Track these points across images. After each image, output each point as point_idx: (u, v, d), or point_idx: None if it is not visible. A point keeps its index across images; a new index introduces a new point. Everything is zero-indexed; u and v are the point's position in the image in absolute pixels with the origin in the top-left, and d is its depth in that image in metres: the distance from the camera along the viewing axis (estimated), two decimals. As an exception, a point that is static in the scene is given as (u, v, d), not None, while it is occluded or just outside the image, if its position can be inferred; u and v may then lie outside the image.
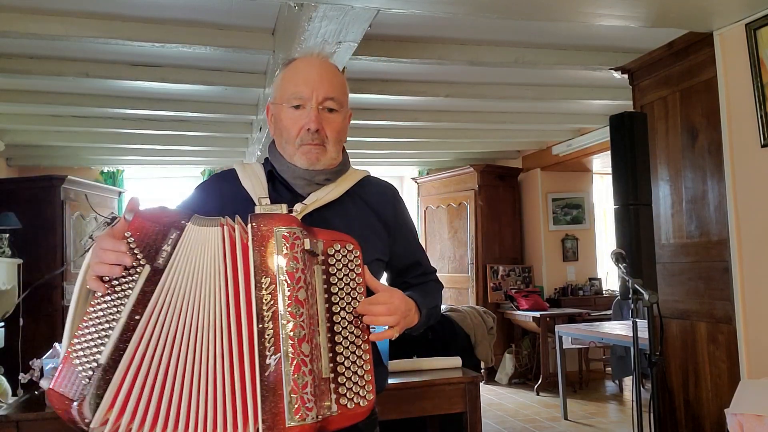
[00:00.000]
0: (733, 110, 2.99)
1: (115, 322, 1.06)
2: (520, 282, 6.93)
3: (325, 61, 1.36)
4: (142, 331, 1.06)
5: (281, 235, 1.10)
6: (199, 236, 1.12)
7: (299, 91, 1.30)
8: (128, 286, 1.08)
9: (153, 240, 1.10)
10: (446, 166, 7.59)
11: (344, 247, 1.17)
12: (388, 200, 1.43)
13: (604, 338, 4.63)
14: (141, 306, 1.07)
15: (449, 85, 4.49)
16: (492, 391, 6.25)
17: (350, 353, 1.13)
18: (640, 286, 2.41)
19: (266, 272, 1.08)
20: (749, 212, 2.92)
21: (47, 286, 5.67)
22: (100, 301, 1.07)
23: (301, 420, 1.04)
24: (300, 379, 1.05)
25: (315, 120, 1.28)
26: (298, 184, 1.33)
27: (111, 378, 1.03)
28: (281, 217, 1.13)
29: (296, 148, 1.31)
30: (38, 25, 3.04)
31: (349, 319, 1.15)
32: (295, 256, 1.10)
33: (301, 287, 1.09)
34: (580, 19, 2.92)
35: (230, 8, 3.08)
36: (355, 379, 1.12)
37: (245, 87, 4.17)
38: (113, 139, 5.71)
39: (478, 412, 2.62)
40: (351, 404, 1.11)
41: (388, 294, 1.21)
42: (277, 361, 1.05)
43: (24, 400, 2.34)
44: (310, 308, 1.10)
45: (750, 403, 2.57)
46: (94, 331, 1.06)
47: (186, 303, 1.08)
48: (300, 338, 1.07)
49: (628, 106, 4.00)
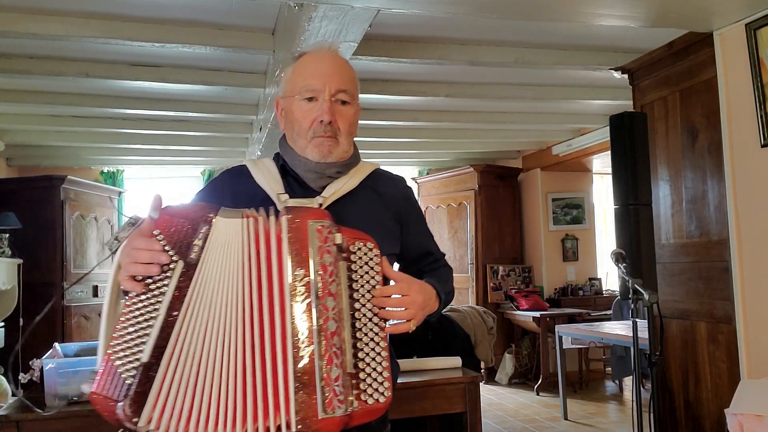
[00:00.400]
0: (733, 110, 2.99)
1: (153, 320, 1.06)
2: (520, 282, 6.93)
3: (336, 54, 1.35)
4: (180, 326, 1.06)
5: (315, 229, 1.11)
6: (228, 228, 1.12)
7: (311, 83, 1.29)
8: (163, 283, 1.08)
9: (183, 235, 1.10)
10: (446, 166, 7.59)
11: (365, 245, 1.17)
12: (399, 192, 1.43)
13: (604, 338, 4.63)
14: (178, 302, 1.07)
15: (449, 85, 4.49)
16: (492, 391, 6.25)
17: (370, 350, 1.14)
18: (640, 286, 2.41)
19: (301, 264, 1.09)
20: (749, 212, 2.92)
21: (47, 286, 5.66)
22: (136, 301, 1.08)
23: (332, 412, 1.05)
24: (332, 371, 1.06)
25: (328, 111, 1.28)
26: (310, 178, 1.32)
27: (154, 375, 1.04)
28: (315, 211, 1.15)
29: (308, 141, 1.30)
30: (38, 25, 3.04)
31: (369, 316, 1.15)
32: (328, 249, 1.11)
33: (334, 281, 1.11)
34: (580, 19, 2.92)
35: (230, 8, 3.08)
36: (375, 375, 1.13)
37: (245, 87, 4.17)
38: (113, 139, 5.71)
39: (478, 412, 2.61)
40: (371, 400, 1.11)
41: (406, 285, 1.22)
42: (311, 353, 1.06)
43: (24, 400, 2.34)
44: (339, 302, 1.11)
45: (750, 403, 2.57)
46: (133, 330, 1.06)
47: (220, 296, 1.09)
48: (332, 331, 1.08)
49: (628, 106, 4.00)
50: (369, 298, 1.16)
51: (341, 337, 1.10)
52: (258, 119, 4.95)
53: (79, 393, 2.18)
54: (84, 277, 5.94)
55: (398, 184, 1.45)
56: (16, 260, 5.29)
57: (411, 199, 1.47)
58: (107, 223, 6.59)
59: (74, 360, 2.24)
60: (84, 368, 2.19)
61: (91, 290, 6.17)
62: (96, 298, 6.23)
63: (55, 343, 2.53)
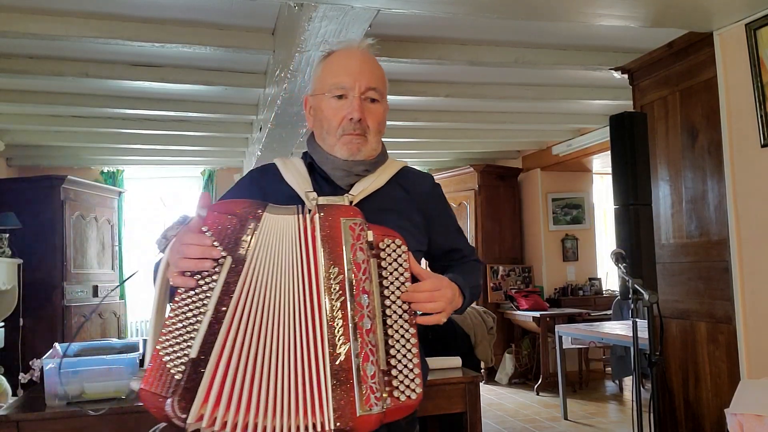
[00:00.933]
0: (733, 110, 2.99)
1: (202, 315, 1.07)
2: (520, 282, 6.93)
3: (366, 51, 1.35)
4: (229, 322, 1.07)
5: (348, 227, 1.12)
6: (275, 225, 1.13)
7: (341, 81, 1.30)
8: (212, 279, 1.08)
9: (231, 231, 1.11)
10: (446, 166, 7.59)
11: (393, 242, 1.18)
12: (427, 189, 1.43)
13: (604, 338, 4.63)
14: (226, 297, 1.08)
15: (449, 85, 4.49)
16: (492, 391, 6.25)
17: (401, 346, 1.14)
18: (640, 286, 2.40)
19: (335, 262, 1.10)
20: (749, 212, 2.92)
21: (47, 286, 5.67)
22: (185, 296, 1.08)
23: (369, 409, 1.06)
24: (368, 368, 1.07)
25: (358, 109, 1.28)
26: (338, 176, 1.32)
27: (203, 371, 1.04)
28: (346, 208, 1.16)
29: (337, 139, 1.31)
30: (38, 25, 3.04)
31: (399, 313, 1.16)
32: (361, 247, 1.12)
33: (367, 278, 1.11)
34: (580, 19, 2.92)
35: (230, 8, 3.08)
36: (406, 372, 1.13)
37: (245, 87, 4.17)
38: (113, 139, 5.71)
39: (478, 412, 2.61)
40: (402, 397, 1.12)
41: (437, 281, 1.22)
42: (347, 350, 1.07)
43: (24, 400, 2.34)
44: (372, 299, 1.12)
45: (750, 403, 2.57)
46: (182, 326, 1.07)
47: (267, 292, 1.10)
48: (368, 329, 1.09)
49: (628, 106, 4.00)
50: (398, 295, 1.16)
51: (375, 334, 1.11)
52: (258, 119, 4.95)
53: (80, 393, 2.18)
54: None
55: (426, 181, 1.46)
56: (16, 260, 5.29)
57: (439, 195, 1.46)
58: (107, 223, 6.59)
59: (74, 360, 2.24)
60: (84, 368, 2.20)
61: (91, 290, 6.18)
62: (96, 298, 6.23)
63: (55, 343, 2.54)
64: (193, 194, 7.52)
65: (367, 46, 1.35)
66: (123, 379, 2.23)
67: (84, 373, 2.19)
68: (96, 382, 2.19)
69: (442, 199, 1.47)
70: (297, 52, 2.91)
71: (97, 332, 6.15)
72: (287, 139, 4.72)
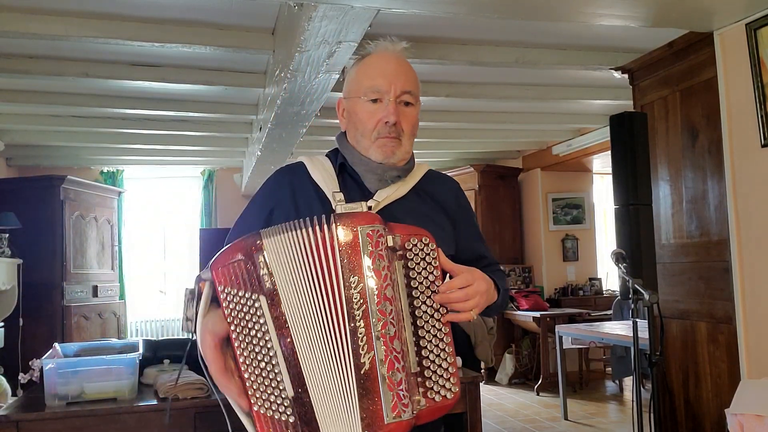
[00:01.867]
0: (733, 110, 2.98)
1: (274, 357, 1.09)
2: (520, 282, 6.93)
3: (400, 55, 1.36)
4: (300, 348, 1.09)
5: (366, 234, 1.11)
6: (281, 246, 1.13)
7: (377, 84, 1.31)
8: (260, 322, 1.10)
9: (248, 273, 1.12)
10: (446, 166, 7.58)
11: (420, 240, 1.17)
12: (452, 194, 1.44)
13: (604, 338, 4.62)
14: (284, 329, 1.10)
15: (450, 85, 4.49)
16: (492, 391, 6.25)
17: (434, 346, 1.14)
18: (640, 286, 2.40)
19: (354, 271, 1.10)
20: (749, 212, 2.92)
21: (47, 286, 5.67)
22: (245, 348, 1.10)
23: (398, 417, 1.06)
24: (394, 375, 1.07)
25: (394, 113, 1.30)
26: (369, 179, 1.33)
27: (309, 401, 1.07)
28: (363, 215, 1.15)
29: (372, 142, 1.31)
30: (38, 25, 3.04)
31: (430, 313, 1.15)
32: (380, 254, 1.11)
33: (389, 284, 1.11)
34: (581, 19, 2.92)
35: (230, 8, 3.08)
36: (440, 372, 1.13)
37: (245, 87, 4.16)
38: (113, 139, 5.71)
39: (478, 412, 2.61)
40: (438, 397, 1.12)
41: (469, 275, 1.20)
42: (371, 359, 1.07)
43: (23, 400, 2.34)
44: (396, 304, 1.11)
45: (750, 403, 2.57)
46: (264, 376, 1.09)
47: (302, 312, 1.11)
48: (391, 336, 1.09)
49: (628, 106, 4.00)
50: (429, 294, 1.16)
51: (402, 339, 1.10)
52: (258, 119, 4.95)
53: (80, 393, 2.18)
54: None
55: (450, 185, 1.46)
56: (15, 260, 5.29)
57: (462, 200, 1.46)
58: (107, 223, 6.59)
59: (74, 360, 2.24)
60: (84, 368, 2.19)
61: (91, 290, 6.18)
62: (96, 298, 6.23)
63: (55, 343, 2.53)
64: (193, 196, 7.52)
65: (402, 49, 1.36)
66: (123, 379, 2.23)
67: (84, 373, 2.19)
68: (96, 382, 2.19)
69: (465, 204, 1.47)
70: (297, 52, 2.91)
71: (96, 332, 6.15)
72: (287, 139, 4.72)
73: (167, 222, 7.58)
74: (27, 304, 5.37)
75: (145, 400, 2.25)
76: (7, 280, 5.12)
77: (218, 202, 7.46)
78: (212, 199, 7.42)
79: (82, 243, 6.09)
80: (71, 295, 5.84)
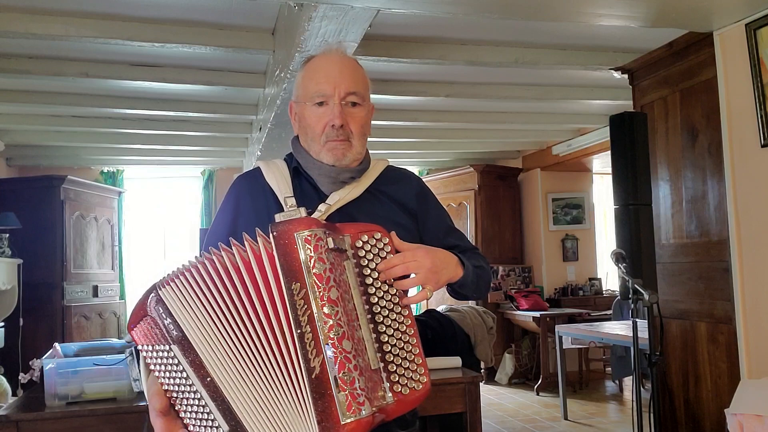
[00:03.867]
0: (733, 110, 2.98)
1: (201, 399, 1.11)
2: (520, 282, 6.92)
3: (344, 56, 1.35)
4: (223, 385, 1.10)
5: (303, 239, 1.10)
6: (177, 290, 1.14)
7: (321, 88, 1.30)
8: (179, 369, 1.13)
9: (156, 327, 1.15)
10: (446, 166, 7.59)
11: (372, 236, 1.17)
12: (411, 190, 1.42)
13: (604, 338, 4.62)
14: (202, 370, 1.11)
15: (449, 85, 4.49)
16: (492, 391, 6.25)
17: (396, 340, 1.14)
18: (640, 286, 2.40)
19: (295, 278, 1.09)
20: (749, 212, 2.92)
21: (48, 286, 5.67)
22: (176, 399, 1.13)
23: (354, 415, 1.05)
24: (346, 375, 1.06)
25: (339, 116, 1.29)
26: (323, 182, 1.33)
27: (245, 428, 1.08)
28: (300, 221, 1.14)
29: (322, 146, 1.31)
30: (38, 25, 3.04)
31: (389, 307, 1.15)
32: (321, 257, 1.10)
33: (332, 286, 1.10)
34: (580, 19, 2.92)
35: (230, 8, 3.08)
36: (406, 364, 1.13)
37: (245, 87, 4.17)
38: (113, 139, 5.71)
39: (478, 412, 2.61)
40: (406, 390, 1.12)
41: (410, 252, 1.20)
42: (321, 362, 1.07)
43: (24, 400, 2.34)
44: (346, 305, 1.11)
45: (750, 403, 2.57)
46: (200, 418, 1.11)
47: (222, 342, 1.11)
48: (339, 336, 1.08)
49: (628, 106, 4.00)
50: (386, 289, 1.16)
51: (355, 338, 1.10)
52: (258, 119, 4.95)
53: (79, 393, 2.18)
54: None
55: (409, 181, 1.44)
56: (16, 260, 5.29)
57: (424, 194, 1.45)
58: (107, 223, 6.59)
59: (74, 360, 2.24)
60: (84, 368, 2.20)
61: (91, 290, 6.18)
62: (96, 298, 6.23)
63: (55, 343, 2.53)
64: (193, 196, 7.52)
65: (345, 48, 1.37)
66: (123, 379, 2.23)
67: (84, 373, 2.19)
68: (96, 382, 2.19)
69: (428, 197, 1.45)
70: (297, 52, 2.91)
71: (97, 332, 6.15)
72: (287, 139, 4.67)
73: (167, 222, 7.58)
74: (27, 304, 5.37)
75: (144, 400, 2.25)
76: (7, 280, 5.12)
77: (218, 202, 7.45)
78: (212, 199, 7.42)
79: (82, 243, 6.10)
80: (71, 295, 5.84)
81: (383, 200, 1.37)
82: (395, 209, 1.37)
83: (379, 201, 1.36)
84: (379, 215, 1.32)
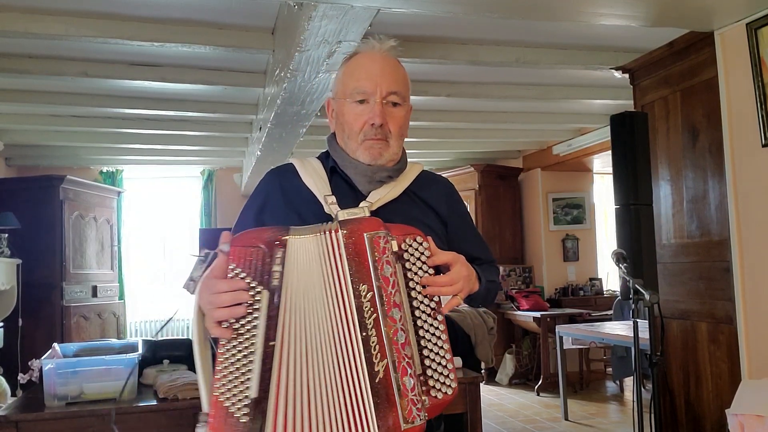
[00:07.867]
0: (733, 110, 2.98)
1: (252, 354, 1.06)
2: (520, 282, 6.92)
3: (386, 54, 1.34)
4: (279, 355, 1.07)
5: (373, 240, 1.10)
6: (301, 248, 1.11)
7: (362, 85, 1.29)
8: (253, 316, 1.08)
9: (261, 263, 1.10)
10: (446, 166, 7.58)
11: (415, 240, 1.16)
12: (445, 196, 1.42)
13: (604, 338, 4.62)
14: (271, 331, 1.08)
15: (450, 84, 4.48)
16: (492, 391, 6.25)
17: (433, 345, 1.14)
18: (640, 286, 2.40)
19: (363, 280, 1.09)
20: (750, 212, 2.91)
21: (47, 286, 5.66)
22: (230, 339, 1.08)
23: (412, 422, 1.05)
24: (408, 381, 1.06)
25: (379, 115, 1.28)
26: (360, 181, 1.31)
27: (266, 407, 1.05)
28: (368, 221, 1.13)
29: (359, 144, 1.30)
30: (38, 25, 3.03)
31: (428, 312, 1.15)
32: (387, 260, 1.10)
33: (397, 290, 1.10)
34: (581, 18, 2.91)
35: (230, 8, 3.08)
36: (440, 369, 1.13)
37: (245, 87, 4.16)
38: (113, 139, 5.71)
39: (478, 412, 2.61)
40: (439, 395, 1.12)
41: (456, 275, 1.20)
42: (385, 367, 1.06)
43: (23, 400, 2.34)
44: (404, 309, 1.11)
45: (751, 403, 2.56)
46: (235, 369, 1.06)
47: (305, 319, 1.09)
48: (402, 342, 1.08)
49: (628, 106, 3.99)
50: (426, 294, 1.15)
51: (411, 345, 1.10)
52: (258, 119, 4.95)
53: (79, 393, 2.18)
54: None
55: (442, 186, 1.45)
56: (15, 260, 5.29)
57: (456, 202, 1.45)
58: (106, 223, 6.58)
59: (73, 360, 2.24)
60: (83, 368, 2.19)
61: (91, 290, 6.17)
62: (95, 298, 6.22)
63: (54, 343, 2.53)
64: (193, 195, 7.52)
65: (389, 48, 1.33)
66: (122, 379, 2.22)
67: (83, 373, 2.18)
68: (95, 382, 2.19)
69: (458, 205, 1.45)
70: (297, 52, 2.91)
71: (96, 332, 6.15)
72: (287, 139, 4.71)
73: (167, 222, 7.58)
74: (26, 304, 5.37)
75: (144, 401, 2.25)
76: (6, 280, 5.11)
77: (218, 202, 7.46)
78: (212, 199, 7.41)
79: (81, 243, 6.09)
80: (71, 295, 5.83)
81: (418, 203, 1.36)
82: (428, 213, 1.37)
83: (414, 203, 1.36)
84: (414, 218, 1.31)
